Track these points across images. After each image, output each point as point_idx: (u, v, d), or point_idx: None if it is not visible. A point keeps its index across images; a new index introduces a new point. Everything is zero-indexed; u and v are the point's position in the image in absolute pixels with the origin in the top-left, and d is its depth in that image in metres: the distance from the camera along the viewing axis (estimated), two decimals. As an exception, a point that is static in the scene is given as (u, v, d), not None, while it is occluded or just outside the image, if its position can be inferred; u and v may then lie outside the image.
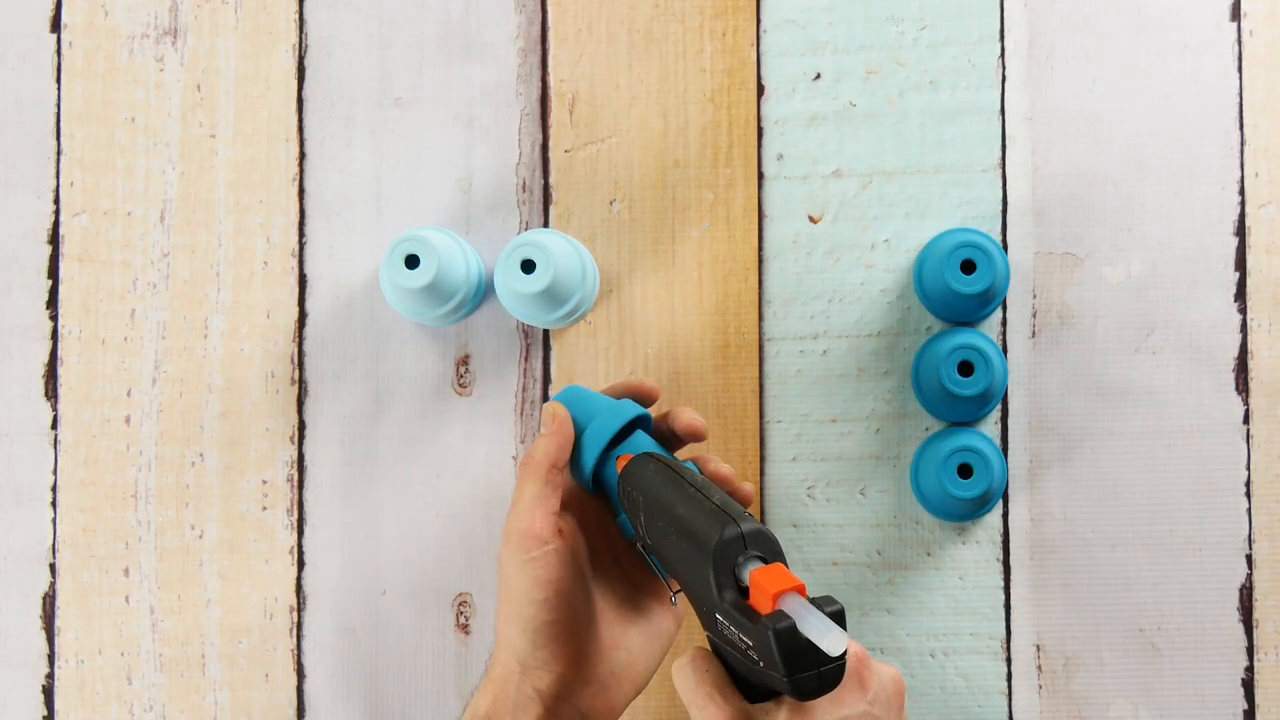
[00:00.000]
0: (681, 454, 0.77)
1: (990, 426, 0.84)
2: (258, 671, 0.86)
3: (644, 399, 0.77)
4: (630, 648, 0.74)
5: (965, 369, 0.80)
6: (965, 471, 0.80)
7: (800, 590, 0.63)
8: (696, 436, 0.75)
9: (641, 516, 0.70)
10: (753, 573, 0.64)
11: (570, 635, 0.71)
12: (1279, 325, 0.84)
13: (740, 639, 0.64)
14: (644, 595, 0.76)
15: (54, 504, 0.87)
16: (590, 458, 0.73)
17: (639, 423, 0.75)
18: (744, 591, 0.64)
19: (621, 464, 0.72)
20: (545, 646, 0.71)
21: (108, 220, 0.88)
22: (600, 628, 0.73)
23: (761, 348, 0.86)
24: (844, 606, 0.64)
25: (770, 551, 0.65)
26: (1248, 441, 0.84)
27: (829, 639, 0.60)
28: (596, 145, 0.87)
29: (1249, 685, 0.83)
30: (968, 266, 0.80)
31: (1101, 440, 0.84)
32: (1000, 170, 0.85)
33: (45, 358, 0.88)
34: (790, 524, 0.85)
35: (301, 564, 0.87)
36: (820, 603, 0.63)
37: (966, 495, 0.80)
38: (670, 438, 0.76)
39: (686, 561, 0.66)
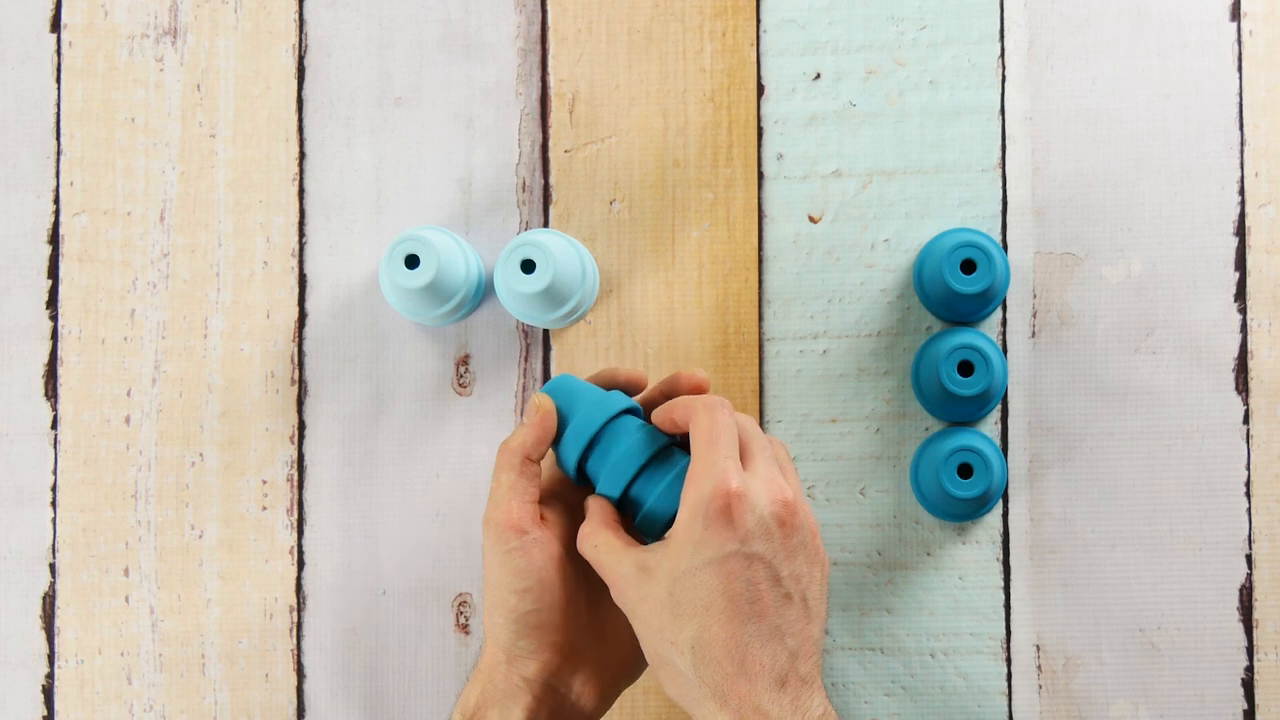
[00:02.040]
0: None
1: (990, 426, 0.84)
2: (258, 671, 0.86)
3: (631, 389, 0.75)
4: (619, 633, 0.73)
5: (965, 369, 0.80)
6: (965, 471, 0.80)
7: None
8: (701, 390, 0.73)
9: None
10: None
11: (555, 623, 0.70)
12: (1279, 325, 0.84)
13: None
14: None
15: (54, 504, 0.87)
16: (574, 452, 0.72)
17: (625, 415, 0.74)
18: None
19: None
20: (528, 636, 0.70)
21: (108, 220, 0.88)
22: (587, 614, 0.72)
23: (761, 348, 0.86)
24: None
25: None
26: (1247, 441, 0.84)
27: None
28: (596, 145, 0.87)
29: (1249, 685, 0.83)
30: (968, 266, 0.80)
31: (1101, 440, 0.84)
32: (1000, 170, 0.85)
33: (45, 358, 0.88)
34: (790, 524, 0.85)
35: (301, 564, 0.87)
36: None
37: (966, 495, 0.80)
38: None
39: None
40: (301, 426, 0.87)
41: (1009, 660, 0.84)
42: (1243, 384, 0.84)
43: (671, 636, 0.65)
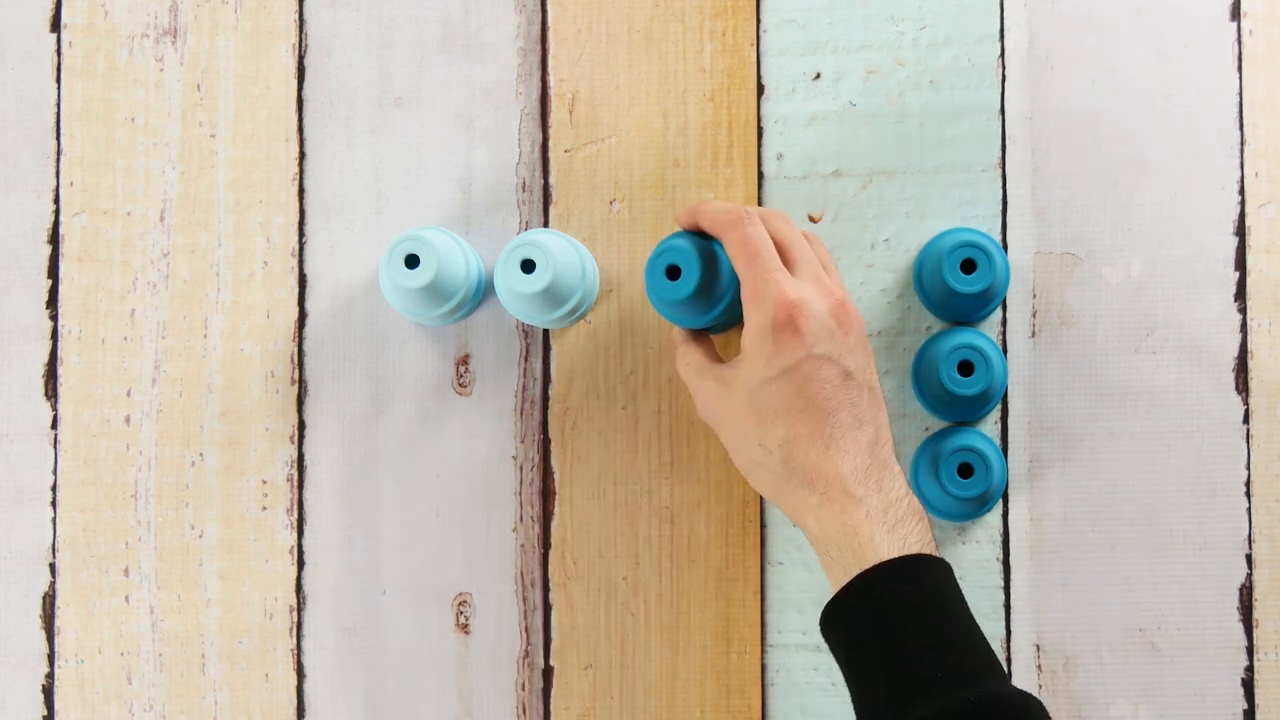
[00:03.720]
0: None
1: (990, 426, 0.84)
2: (258, 671, 0.86)
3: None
4: None
5: (965, 369, 0.80)
6: (965, 471, 0.80)
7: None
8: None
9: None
10: None
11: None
12: (1279, 325, 0.84)
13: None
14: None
15: (54, 504, 0.87)
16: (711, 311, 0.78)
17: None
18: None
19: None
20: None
21: (108, 220, 0.88)
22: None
23: (761, 348, 0.86)
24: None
25: None
26: (1247, 441, 0.84)
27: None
28: (596, 145, 0.87)
29: (1249, 685, 0.83)
30: (968, 266, 0.80)
31: (1101, 440, 0.84)
32: (1000, 170, 0.85)
33: (45, 358, 0.88)
34: (790, 523, 0.85)
35: (301, 564, 0.87)
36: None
37: (966, 495, 0.80)
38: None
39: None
40: (301, 426, 0.87)
41: (1009, 660, 0.84)
42: (1243, 384, 0.84)
43: (759, 438, 0.73)
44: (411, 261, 0.80)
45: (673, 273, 0.77)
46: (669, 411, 0.86)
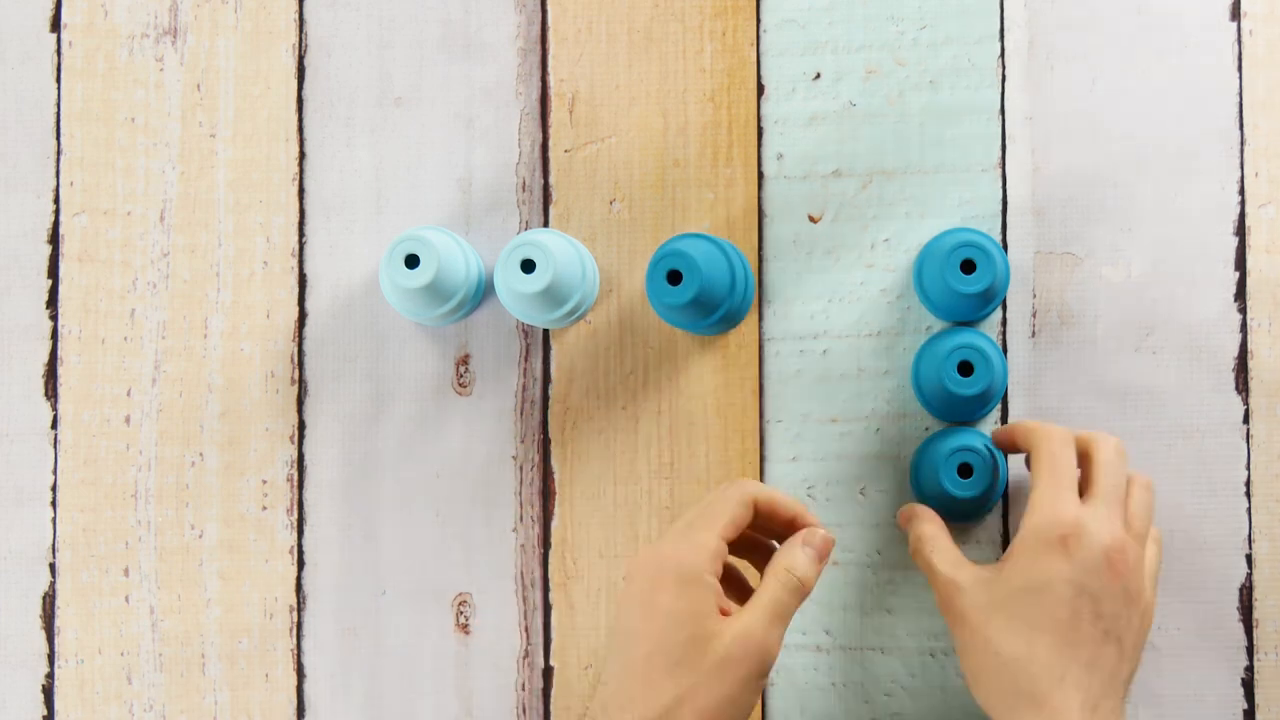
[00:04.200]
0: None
1: (990, 426, 0.84)
2: (258, 671, 0.86)
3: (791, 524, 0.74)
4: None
5: (965, 369, 0.80)
6: (965, 471, 0.80)
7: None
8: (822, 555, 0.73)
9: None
10: None
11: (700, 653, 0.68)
12: (1279, 325, 0.84)
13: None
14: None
15: (54, 504, 0.87)
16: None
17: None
18: None
19: None
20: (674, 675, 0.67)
21: (108, 220, 0.88)
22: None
23: (761, 348, 0.86)
24: None
25: None
26: (1247, 441, 0.84)
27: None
28: (596, 145, 0.87)
29: (1249, 685, 0.83)
30: (968, 266, 0.80)
31: (1101, 440, 0.84)
32: (1000, 170, 0.85)
33: (45, 358, 0.88)
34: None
35: (301, 564, 0.87)
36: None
37: (967, 495, 0.80)
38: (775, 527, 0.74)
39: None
40: (301, 426, 0.87)
41: (1009, 660, 0.84)
42: (1243, 384, 0.84)
43: (998, 647, 0.70)
44: (411, 261, 0.80)
45: (674, 277, 0.76)
46: (669, 411, 0.86)
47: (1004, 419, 0.84)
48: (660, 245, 0.78)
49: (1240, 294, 0.84)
